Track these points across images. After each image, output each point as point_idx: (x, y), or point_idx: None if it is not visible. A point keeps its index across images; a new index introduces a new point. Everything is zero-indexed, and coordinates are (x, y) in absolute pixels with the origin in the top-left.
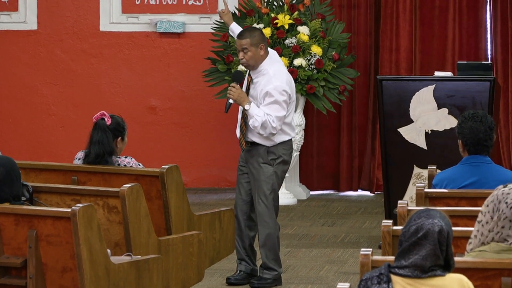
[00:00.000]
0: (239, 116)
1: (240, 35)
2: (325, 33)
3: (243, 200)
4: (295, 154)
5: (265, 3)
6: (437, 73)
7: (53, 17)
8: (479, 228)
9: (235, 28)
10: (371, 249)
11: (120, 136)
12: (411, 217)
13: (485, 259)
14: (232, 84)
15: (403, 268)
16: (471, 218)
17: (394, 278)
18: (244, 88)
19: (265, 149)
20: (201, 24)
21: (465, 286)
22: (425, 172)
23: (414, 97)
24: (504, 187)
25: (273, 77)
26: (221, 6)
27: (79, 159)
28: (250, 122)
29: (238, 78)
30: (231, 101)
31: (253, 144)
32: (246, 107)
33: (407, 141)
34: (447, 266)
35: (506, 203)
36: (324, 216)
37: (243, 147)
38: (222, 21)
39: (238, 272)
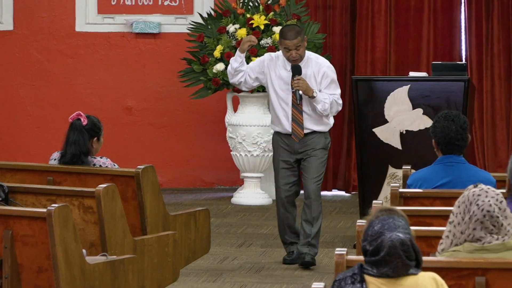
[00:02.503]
0: (286, 110)
1: (290, 36)
2: None
3: (287, 190)
4: (270, 154)
5: (241, 4)
6: (412, 74)
7: (29, 17)
8: (451, 229)
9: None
10: (345, 249)
11: (96, 137)
12: (368, 230)
13: (459, 258)
14: (298, 77)
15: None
16: (445, 218)
17: (367, 278)
18: (287, 79)
19: (324, 136)
20: (176, 25)
21: (438, 284)
22: (399, 172)
23: (389, 97)
24: (474, 187)
25: (317, 59)
26: (197, 7)
27: (55, 159)
28: (320, 107)
29: (299, 71)
30: (301, 92)
31: (307, 134)
32: (314, 94)
33: (382, 141)
34: (418, 263)
35: (477, 205)
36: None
37: (300, 137)
38: (197, 21)
39: (291, 252)
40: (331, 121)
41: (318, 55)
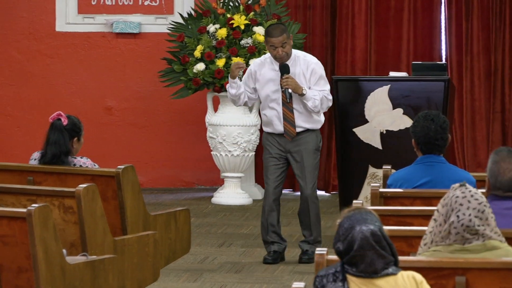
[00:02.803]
0: (277, 109)
1: (275, 34)
2: None
3: (274, 187)
4: (251, 154)
5: (221, 4)
6: (392, 74)
7: (9, 17)
8: (434, 226)
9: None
10: (326, 249)
11: (76, 137)
12: (338, 230)
13: (439, 258)
14: (286, 76)
15: (356, 271)
16: (426, 217)
17: (349, 277)
18: (276, 79)
19: (315, 135)
20: (157, 25)
21: (418, 283)
22: (380, 172)
23: (369, 97)
24: (460, 185)
25: (305, 57)
26: (177, 7)
27: (35, 159)
28: (310, 104)
29: (287, 70)
30: (290, 90)
31: (300, 133)
32: (304, 92)
33: (362, 141)
34: (396, 260)
35: (458, 216)
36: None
37: (293, 135)
38: (178, 21)
39: (272, 252)
40: (322, 118)
41: (305, 53)
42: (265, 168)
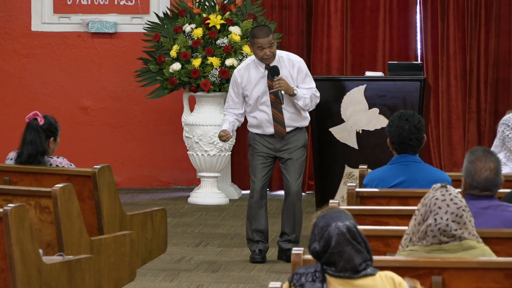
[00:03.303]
0: (267, 112)
1: (263, 34)
2: None
3: (262, 186)
4: (227, 154)
5: (197, 4)
6: (368, 73)
7: None
8: (413, 226)
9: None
10: (302, 249)
11: (53, 137)
12: (313, 230)
13: (416, 258)
14: (278, 77)
15: (335, 271)
16: (402, 217)
17: (328, 278)
18: (263, 82)
19: (303, 132)
20: (133, 24)
21: (396, 283)
22: (356, 172)
23: (345, 97)
24: (441, 186)
25: (288, 56)
26: (153, 7)
27: (11, 159)
28: (301, 103)
29: (277, 71)
30: (283, 92)
31: (289, 132)
32: (295, 91)
33: (339, 140)
34: (370, 258)
35: (435, 219)
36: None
37: (283, 135)
38: (153, 21)
39: (258, 251)
40: (308, 115)
41: (287, 52)
42: (253, 167)
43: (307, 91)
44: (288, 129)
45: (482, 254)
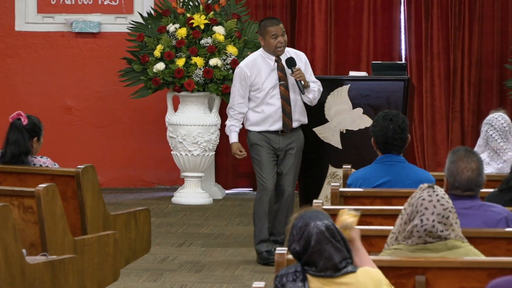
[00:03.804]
0: (277, 104)
1: (274, 23)
2: (241, 33)
3: (273, 184)
4: (211, 153)
5: (181, 3)
6: (352, 73)
7: None
8: (400, 224)
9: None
10: (286, 248)
11: (36, 137)
12: (292, 231)
13: (399, 257)
14: (296, 68)
15: (316, 271)
16: (385, 217)
17: (309, 277)
18: (274, 74)
19: (302, 132)
20: (116, 24)
21: (376, 279)
22: (340, 172)
23: (329, 96)
24: (429, 187)
25: (294, 51)
26: (137, 7)
27: None
28: (311, 96)
29: (294, 62)
30: (303, 82)
31: (292, 129)
32: (309, 83)
33: (322, 140)
34: (350, 256)
35: (421, 220)
36: (239, 215)
37: (290, 128)
38: (137, 21)
39: (268, 252)
40: None
41: (289, 48)
42: (262, 165)
43: (315, 84)
44: (294, 124)
45: (467, 254)
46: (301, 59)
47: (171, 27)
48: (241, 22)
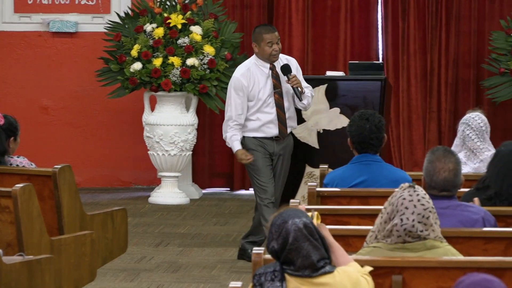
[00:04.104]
0: (272, 112)
1: (270, 30)
2: (218, 33)
3: (272, 186)
4: (188, 153)
5: (158, 3)
6: (329, 73)
7: None
8: (380, 223)
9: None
10: (263, 248)
11: (13, 136)
12: (271, 229)
13: (376, 257)
14: (292, 75)
15: (294, 270)
16: (362, 216)
17: (287, 277)
18: (269, 82)
19: (292, 138)
20: (93, 24)
21: (354, 279)
22: (317, 171)
23: None
24: (410, 186)
25: (285, 57)
26: (114, 7)
27: None
28: (306, 102)
29: (289, 69)
30: (300, 89)
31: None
32: (304, 89)
33: (299, 140)
34: (329, 256)
35: (401, 220)
36: (216, 215)
37: (285, 135)
38: (114, 20)
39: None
40: None
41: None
42: (259, 170)
43: (307, 90)
44: (288, 130)
45: (445, 254)
46: (293, 65)
47: (148, 27)
48: (218, 22)
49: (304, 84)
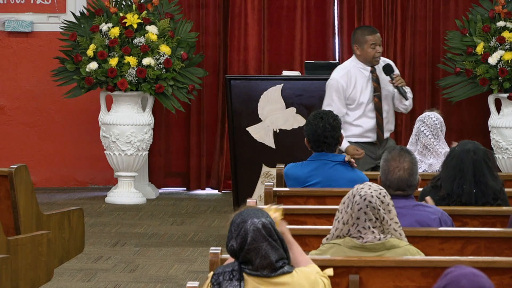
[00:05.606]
0: (374, 116)
1: (372, 31)
2: (174, 33)
3: None
4: (144, 153)
5: (114, 3)
6: (285, 73)
7: None
8: (336, 225)
9: None
10: (220, 248)
11: None
12: (230, 228)
13: (332, 257)
14: (395, 74)
15: (252, 270)
16: (319, 216)
17: (246, 277)
18: (369, 85)
19: (393, 141)
20: (49, 24)
21: (312, 280)
22: (273, 171)
23: (262, 96)
24: (364, 186)
25: (382, 58)
26: (70, 6)
27: None
28: (408, 103)
29: (391, 69)
30: (404, 88)
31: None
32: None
33: (256, 140)
34: (287, 256)
35: (360, 195)
36: (173, 215)
37: (382, 140)
38: (70, 20)
39: None
40: None
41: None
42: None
43: (408, 90)
44: (385, 135)
45: (405, 254)
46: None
47: (104, 27)
48: (174, 21)
49: None
